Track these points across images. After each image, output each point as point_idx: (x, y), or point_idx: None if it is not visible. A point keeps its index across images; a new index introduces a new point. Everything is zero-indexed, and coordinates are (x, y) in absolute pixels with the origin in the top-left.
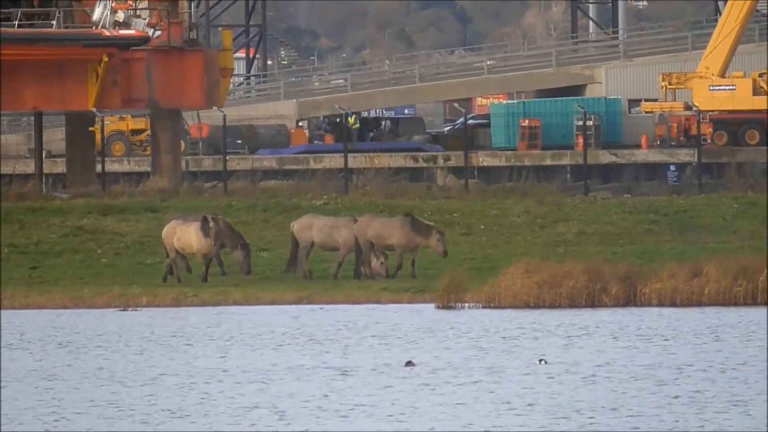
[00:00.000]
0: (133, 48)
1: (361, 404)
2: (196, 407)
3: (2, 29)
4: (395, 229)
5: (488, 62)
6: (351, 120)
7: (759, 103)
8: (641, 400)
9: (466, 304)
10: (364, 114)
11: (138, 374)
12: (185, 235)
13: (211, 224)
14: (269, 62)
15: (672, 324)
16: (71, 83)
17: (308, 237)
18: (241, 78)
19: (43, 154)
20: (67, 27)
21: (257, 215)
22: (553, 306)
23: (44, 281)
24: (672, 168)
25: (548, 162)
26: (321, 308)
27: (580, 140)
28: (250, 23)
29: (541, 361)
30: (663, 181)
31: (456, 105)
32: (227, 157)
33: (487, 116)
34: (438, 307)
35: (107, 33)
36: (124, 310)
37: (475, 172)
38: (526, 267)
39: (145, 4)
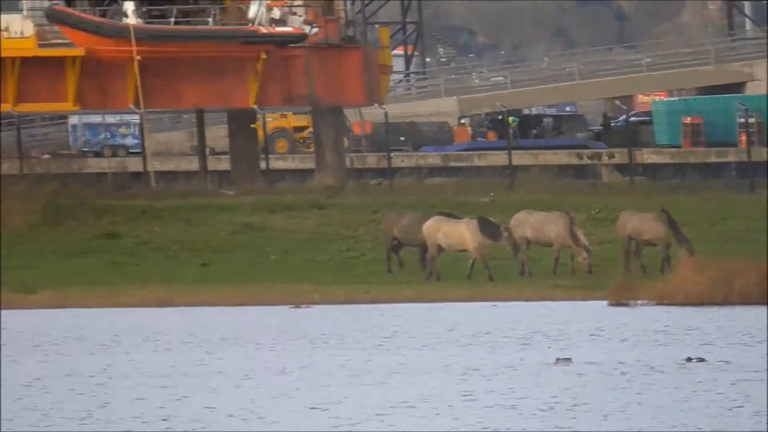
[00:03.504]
0: (290, 45)
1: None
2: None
3: (159, 26)
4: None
5: (646, 60)
6: (510, 120)
7: None
8: None
9: (639, 302)
10: (525, 111)
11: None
12: (454, 231)
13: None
14: (428, 60)
15: None
16: (231, 80)
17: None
18: (401, 75)
19: (207, 152)
20: (224, 24)
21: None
22: (726, 303)
23: (215, 278)
24: None
25: (713, 159)
26: (494, 305)
27: (743, 137)
28: (407, 20)
29: (691, 359)
30: None
31: (617, 102)
32: (391, 154)
33: (647, 113)
34: (611, 305)
35: (264, 30)
36: (296, 307)
37: (641, 169)
38: (696, 264)
39: (300, 2)
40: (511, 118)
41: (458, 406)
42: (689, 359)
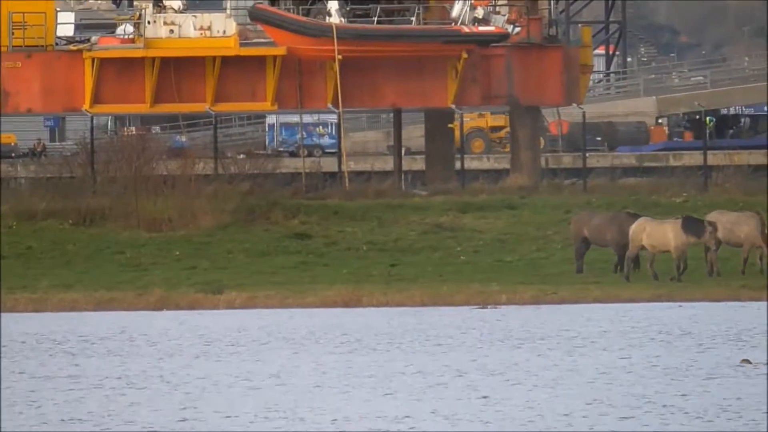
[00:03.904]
0: (492, 45)
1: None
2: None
3: (361, 26)
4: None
5: None
6: (707, 120)
7: None
8: None
9: None
10: (723, 111)
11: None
12: (658, 231)
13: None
14: (629, 59)
15: None
16: (430, 80)
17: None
18: (600, 75)
19: (402, 151)
20: (426, 23)
21: None
22: None
23: (403, 278)
24: None
25: None
26: (680, 306)
27: None
28: (610, 20)
29: (746, 361)
30: None
31: None
32: (587, 154)
33: None
34: None
35: (466, 29)
36: (483, 307)
37: None
38: None
39: (504, 1)
40: (708, 118)
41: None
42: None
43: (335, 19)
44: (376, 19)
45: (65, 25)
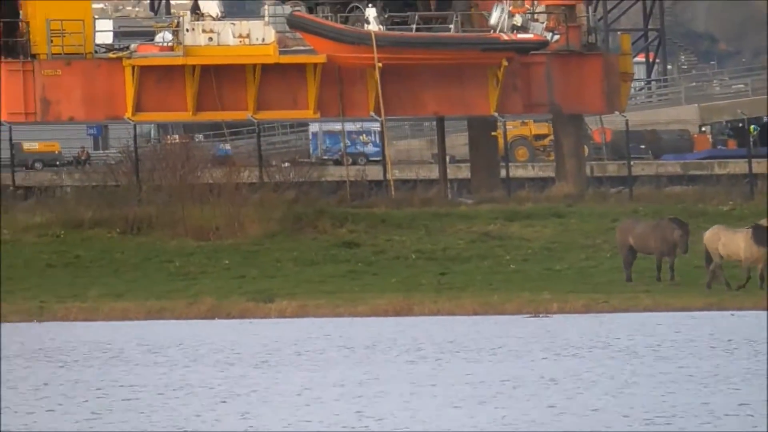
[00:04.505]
0: (531, 52)
1: None
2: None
3: (401, 33)
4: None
5: None
6: (751, 128)
7: None
8: None
9: None
10: (765, 119)
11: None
12: (731, 241)
13: None
14: (669, 67)
15: None
16: (471, 88)
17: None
18: (642, 83)
19: (447, 159)
20: (465, 31)
21: None
22: None
23: (453, 287)
24: None
25: None
26: (732, 315)
27: None
28: (649, 27)
29: None
30: None
31: None
32: (631, 163)
33: None
34: None
35: (505, 37)
36: (534, 316)
37: None
38: None
39: (542, 8)
40: (752, 126)
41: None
42: None
43: (373, 26)
44: (414, 26)
45: (104, 32)
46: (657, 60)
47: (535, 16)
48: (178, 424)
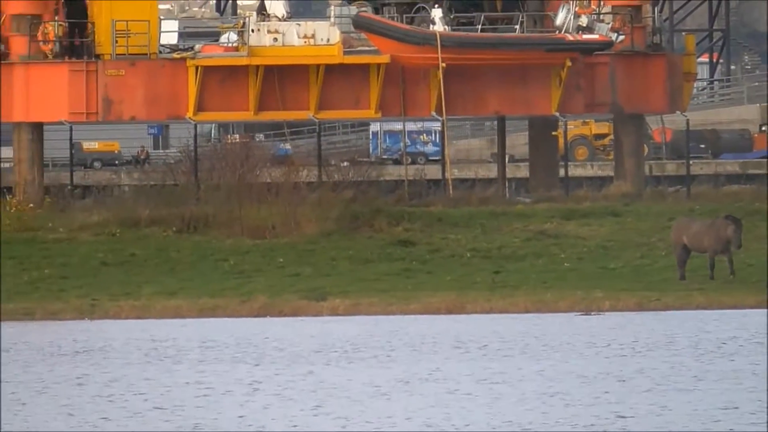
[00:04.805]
0: (596, 53)
1: None
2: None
3: (465, 33)
4: None
5: None
6: None
7: None
8: None
9: None
10: None
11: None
12: None
13: None
14: (732, 67)
15: None
16: (534, 88)
17: None
18: (704, 83)
19: (506, 159)
20: (530, 31)
21: None
22: None
23: (507, 285)
24: None
25: None
26: None
27: None
28: (714, 27)
29: None
30: None
31: None
32: (690, 162)
33: None
34: None
35: (570, 37)
36: (586, 314)
37: None
38: None
39: (608, 9)
40: None
41: None
42: None
43: (439, 27)
44: (480, 27)
45: (169, 33)
46: (720, 60)
47: (601, 17)
48: (248, 418)
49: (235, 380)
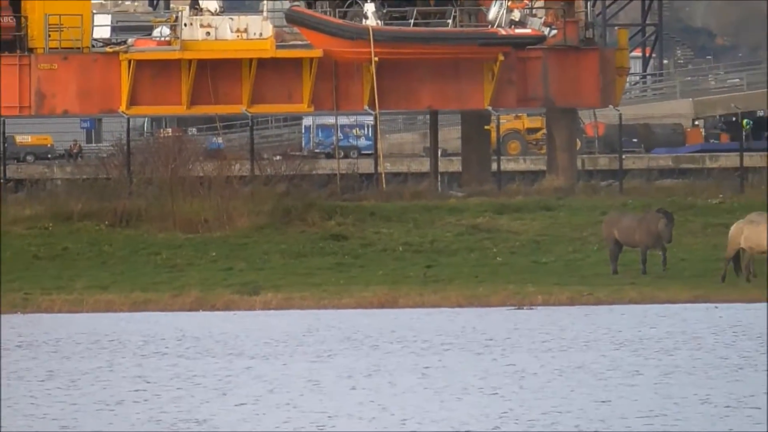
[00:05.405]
0: (528, 47)
1: None
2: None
3: (398, 28)
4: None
5: None
6: (744, 123)
7: None
8: None
9: None
10: (760, 113)
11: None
12: (754, 233)
13: None
14: (665, 61)
15: None
16: (467, 82)
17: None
18: (637, 77)
19: (439, 153)
20: (462, 26)
21: None
22: None
23: (439, 280)
24: None
25: None
26: (716, 307)
27: None
28: (647, 22)
29: None
30: None
31: None
32: (623, 156)
33: None
34: None
35: (503, 32)
36: (518, 308)
37: None
38: None
39: (541, 3)
40: (745, 121)
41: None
42: None
43: (372, 21)
44: (412, 21)
45: (102, 27)
46: (653, 55)
47: (534, 11)
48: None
49: (173, 374)
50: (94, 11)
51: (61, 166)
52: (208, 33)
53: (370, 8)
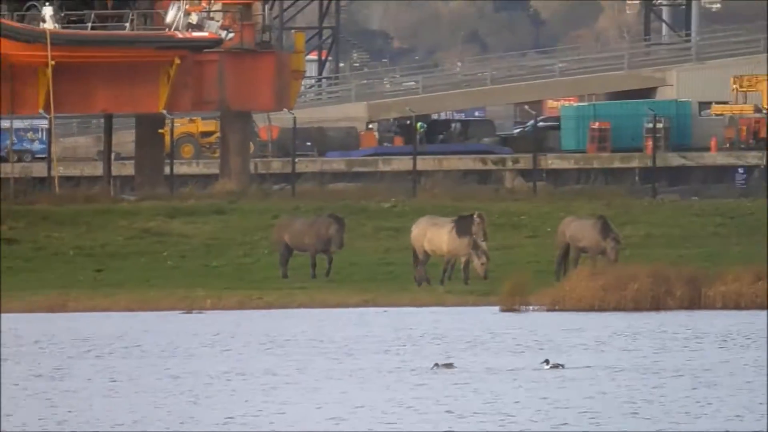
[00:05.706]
0: (205, 50)
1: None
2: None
3: (75, 31)
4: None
5: (559, 65)
6: (417, 126)
7: None
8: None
9: (531, 307)
10: (434, 116)
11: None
12: (436, 236)
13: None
14: (341, 64)
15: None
16: (142, 85)
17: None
18: (313, 80)
19: (112, 157)
20: (140, 29)
21: None
22: (617, 309)
23: (110, 284)
24: (740, 171)
25: (617, 164)
26: (385, 311)
27: (650, 143)
28: (324, 26)
29: (549, 363)
30: (731, 184)
31: (526, 107)
32: (296, 159)
33: (557, 119)
34: (502, 310)
35: (180, 35)
36: (188, 312)
37: (544, 175)
38: (591, 270)
39: (218, 6)
40: (419, 124)
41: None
42: (546, 362)
43: (49, 24)
44: (90, 25)
45: None
46: (330, 58)
47: (211, 14)
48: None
49: None
50: None
51: None
52: None
53: (47, 11)
